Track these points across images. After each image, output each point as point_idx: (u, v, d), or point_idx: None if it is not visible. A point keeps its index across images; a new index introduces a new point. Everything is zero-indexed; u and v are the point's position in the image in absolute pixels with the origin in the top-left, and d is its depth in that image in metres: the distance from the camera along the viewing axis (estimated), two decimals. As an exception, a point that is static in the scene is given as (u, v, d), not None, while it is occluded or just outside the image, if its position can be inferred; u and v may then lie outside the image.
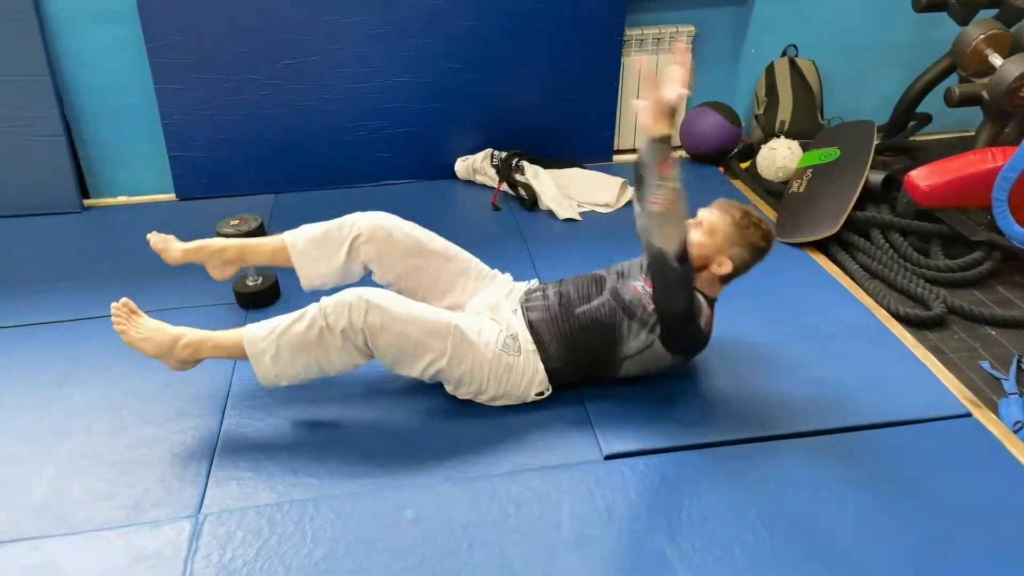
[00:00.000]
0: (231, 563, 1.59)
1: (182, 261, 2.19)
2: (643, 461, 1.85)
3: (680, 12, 3.41)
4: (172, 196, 3.26)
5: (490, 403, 2.00)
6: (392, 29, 3.12)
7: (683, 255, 1.79)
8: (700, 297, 1.93)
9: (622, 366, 2.00)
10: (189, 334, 1.93)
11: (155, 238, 2.20)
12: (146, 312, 1.97)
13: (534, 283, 2.22)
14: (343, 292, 1.87)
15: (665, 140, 1.70)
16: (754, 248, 1.96)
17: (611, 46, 3.30)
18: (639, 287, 1.95)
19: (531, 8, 3.17)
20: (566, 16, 3.20)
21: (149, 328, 1.93)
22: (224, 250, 2.19)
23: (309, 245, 2.13)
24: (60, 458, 1.88)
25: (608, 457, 1.87)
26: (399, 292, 2.06)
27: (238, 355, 1.93)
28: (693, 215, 1.98)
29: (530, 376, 1.98)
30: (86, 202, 3.20)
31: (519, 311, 2.06)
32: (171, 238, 2.21)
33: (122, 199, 3.28)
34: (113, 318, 1.92)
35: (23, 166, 3.04)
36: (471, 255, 2.23)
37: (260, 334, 1.90)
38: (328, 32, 3.08)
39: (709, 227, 1.95)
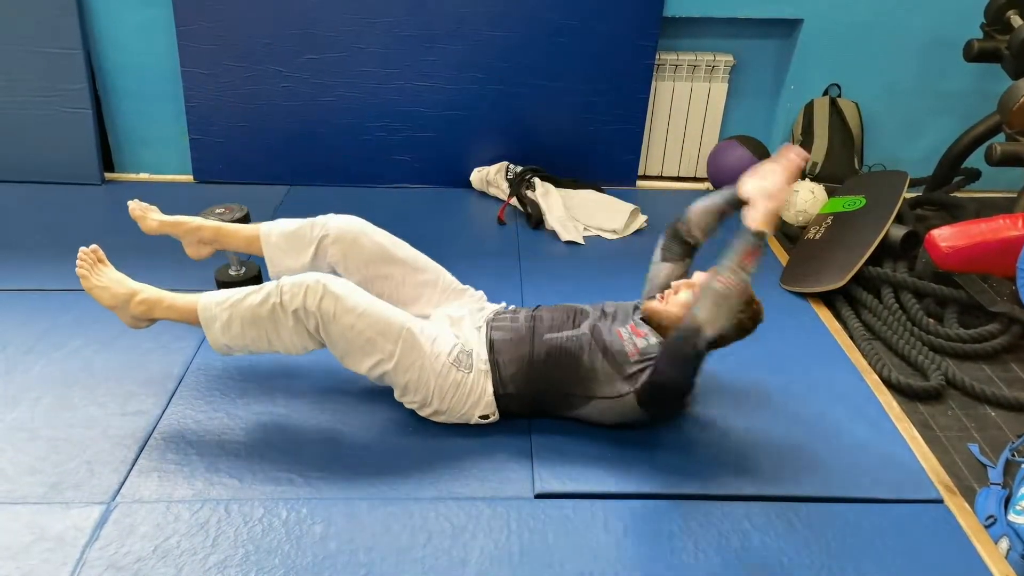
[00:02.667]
0: (124, 557, 1.57)
1: (157, 232, 2.21)
2: (573, 504, 1.77)
3: (719, 41, 3.30)
4: (190, 178, 3.31)
5: (432, 417, 1.95)
6: (418, 32, 3.10)
7: (714, 342, 1.77)
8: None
9: (585, 405, 1.91)
10: (147, 291, 1.95)
11: (134, 205, 2.22)
12: None
13: (511, 307, 2.17)
14: (304, 274, 1.85)
15: (763, 237, 1.72)
16: (740, 327, 1.88)
17: (642, 69, 3.21)
18: (624, 333, 1.89)
19: (561, 23, 3.11)
20: (597, 35, 3.13)
21: (110, 278, 1.96)
22: (200, 229, 2.20)
23: (281, 238, 2.13)
24: (1, 427, 1.91)
25: (538, 496, 1.79)
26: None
27: (191, 320, 1.93)
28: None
29: (476, 397, 1.91)
30: (108, 176, 3.29)
31: (483, 328, 2.00)
32: (152, 208, 2.23)
33: (143, 176, 3.35)
34: (78, 261, 1.95)
35: (50, 136, 3.13)
36: (441, 267, 2.18)
37: (214, 300, 1.90)
38: (354, 30, 3.08)
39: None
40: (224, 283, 2.46)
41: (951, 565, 1.68)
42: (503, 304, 2.19)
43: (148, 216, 2.20)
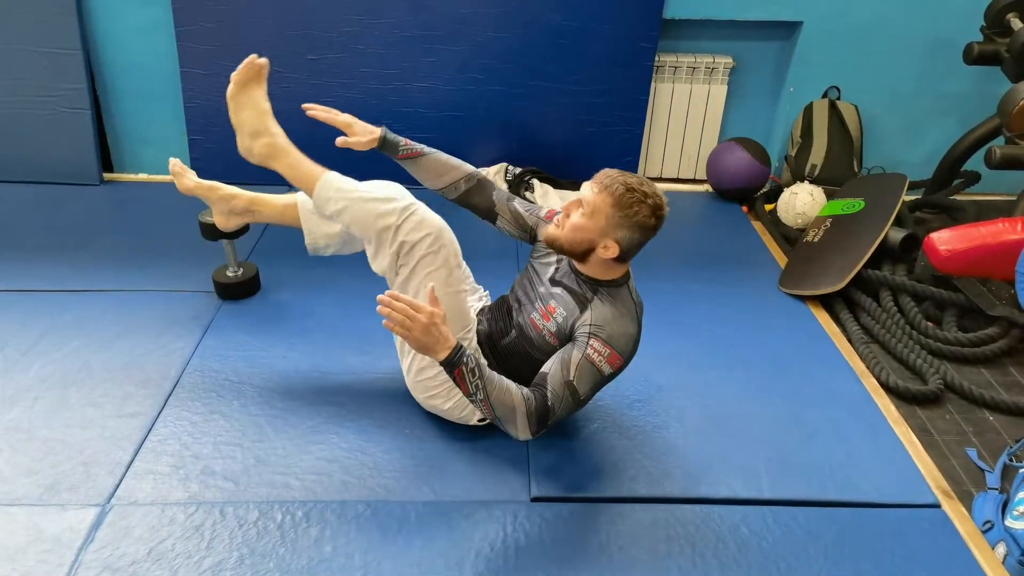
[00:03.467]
0: (119, 560, 1.57)
1: (192, 192, 2.21)
2: (570, 508, 1.77)
3: (719, 43, 3.29)
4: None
5: (434, 410, 1.94)
6: (418, 34, 3.09)
7: (538, 429, 1.68)
8: (593, 346, 1.69)
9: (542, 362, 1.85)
10: (279, 137, 1.97)
11: (175, 162, 2.23)
12: (126, 289, 1.99)
13: (483, 304, 2.10)
14: (433, 215, 1.83)
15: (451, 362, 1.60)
16: (642, 227, 1.66)
17: (642, 71, 3.20)
18: (537, 320, 1.80)
19: (561, 25, 3.10)
20: (597, 36, 3.12)
21: (255, 102, 1.98)
22: (234, 197, 2.19)
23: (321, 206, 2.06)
24: (-2, 428, 1.91)
25: (535, 499, 1.79)
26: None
27: (308, 186, 1.92)
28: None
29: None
30: (106, 176, 3.28)
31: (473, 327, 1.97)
32: (190, 171, 2.24)
33: (142, 176, 3.35)
34: (240, 68, 1.94)
35: (48, 135, 3.13)
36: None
37: (338, 184, 1.89)
38: (354, 31, 3.08)
39: (590, 208, 1.65)
40: (222, 284, 2.46)
41: (948, 570, 1.67)
42: (484, 295, 2.15)
43: (186, 174, 2.20)
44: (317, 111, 1.90)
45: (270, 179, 3.24)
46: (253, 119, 1.93)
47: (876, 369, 2.28)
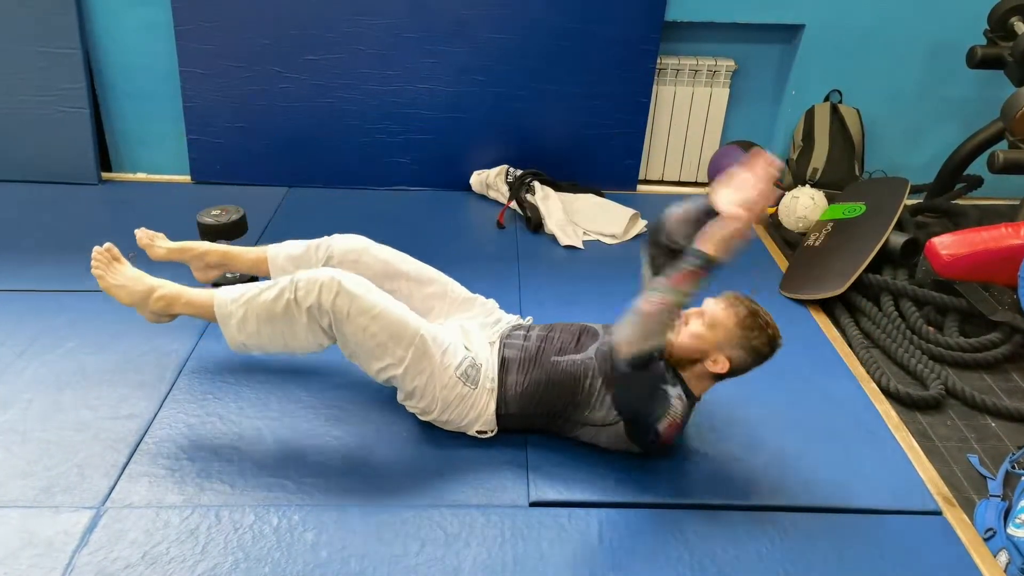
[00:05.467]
0: (113, 564, 1.56)
1: (165, 259, 2.22)
2: (568, 513, 1.75)
3: (721, 45, 3.28)
4: (188, 178, 3.29)
5: (434, 423, 1.92)
6: (418, 35, 3.08)
7: (637, 363, 1.65)
8: (679, 403, 1.75)
9: (578, 430, 1.88)
10: (165, 287, 1.96)
11: (141, 233, 2.23)
12: None
13: (527, 320, 2.14)
14: (318, 270, 1.83)
15: (708, 262, 1.59)
16: (756, 353, 1.78)
17: (643, 73, 3.19)
18: None
19: (562, 26, 3.09)
20: (598, 38, 3.11)
21: (127, 276, 1.97)
22: (207, 254, 2.22)
23: (287, 261, 2.13)
24: (-8, 430, 1.90)
25: (533, 504, 1.77)
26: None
27: (208, 316, 1.94)
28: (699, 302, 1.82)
29: (477, 413, 1.89)
30: (104, 176, 3.27)
31: (496, 344, 1.97)
32: (159, 236, 2.24)
33: (140, 176, 3.34)
34: (93, 261, 1.96)
35: (47, 135, 3.12)
36: (449, 278, 2.15)
37: (230, 297, 1.90)
38: (354, 32, 3.06)
39: (711, 320, 1.77)
40: (221, 286, 2.44)
41: (947, 579, 1.66)
42: (516, 317, 2.15)
43: (155, 244, 2.22)
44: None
45: (271, 179, 3.25)
46: (135, 290, 1.96)
47: (877, 374, 2.27)
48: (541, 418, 1.90)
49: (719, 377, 1.82)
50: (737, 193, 1.63)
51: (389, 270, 2.08)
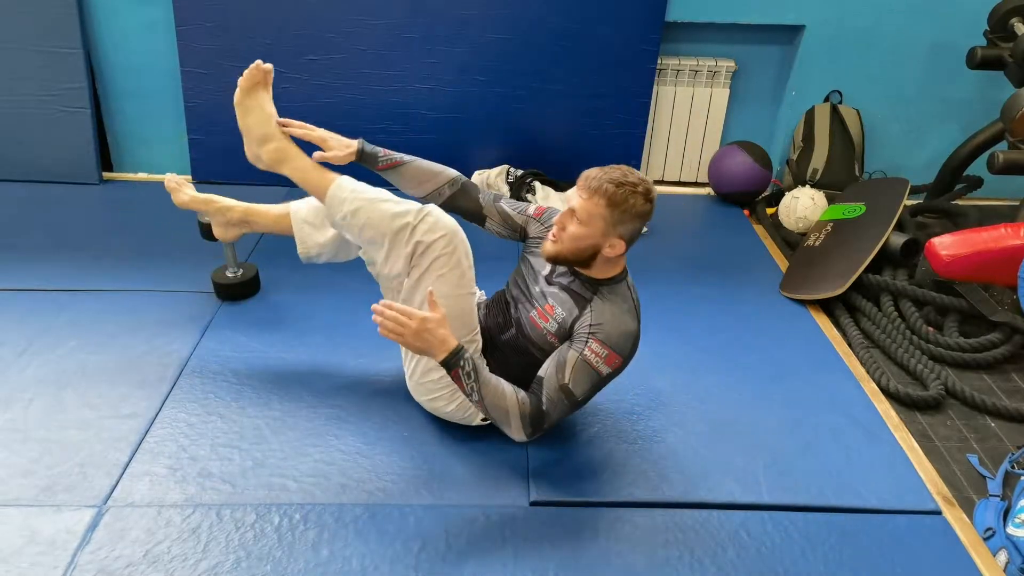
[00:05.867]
0: (115, 562, 1.56)
1: (188, 206, 2.25)
2: (569, 512, 1.76)
3: (721, 46, 3.29)
4: (189, 178, 3.28)
5: (436, 412, 1.93)
6: (419, 35, 3.09)
7: (532, 432, 1.73)
8: (590, 346, 1.69)
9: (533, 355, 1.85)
10: (286, 142, 1.93)
11: (170, 177, 2.25)
12: (125, 289, 1.99)
13: (481, 296, 2.10)
14: (448, 217, 1.82)
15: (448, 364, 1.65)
16: (640, 215, 1.67)
17: (644, 74, 3.20)
18: (536, 319, 1.79)
19: (564, 27, 3.10)
20: (599, 39, 3.11)
21: (262, 107, 1.93)
22: (230, 210, 2.22)
23: (311, 212, 2.11)
24: (-6, 429, 1.90)
25: (533, 503, 1.77)
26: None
27: (318, 190, 1.89)
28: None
29: None
30: (105, 175, 3.27)
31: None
32: (186, 183, 2.27)
33: (141, 175, 3.34)
34: (247, 72, 1.91)
35: (48, 135, 3.12)
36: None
37: (351, 186, 1.87)
38: (355, 32, 3.07)
39: (585, 214, 1.64)
40: (221, 285, 2.45)
41: (946, 578, 1.66)
42: (480, 293, 2.10)
43: (182, 189, 2.23)
44: (293, 127, 1.91)
45: (272, 179, 3.24)
46: (260, 124, 1.92)
47: (876, 374, 2.27)
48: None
49: (623, 252, 1.72)
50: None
51: (470, 260, 1.98)
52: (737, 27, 3.21)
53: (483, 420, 1.92)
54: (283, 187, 3.25)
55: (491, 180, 3.23)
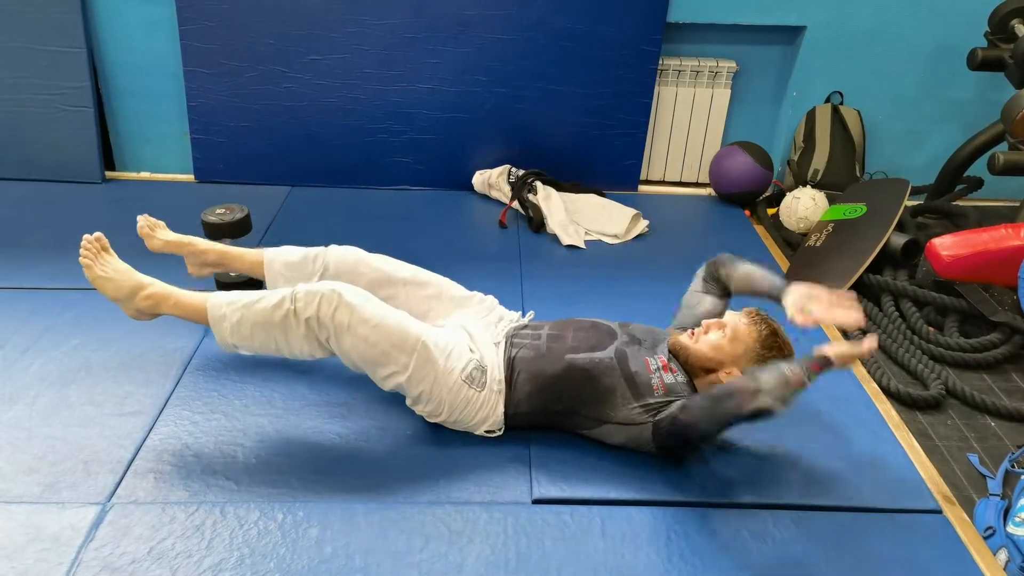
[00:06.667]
0: (119, 559, 1.57)
1: (162, 250, 2.19)
2: (571, 510, 1.76)
3: (723, 47, 3.30)
4: (191, 177, 3.31)
5: (444, 424, 1.94)
6: (422, 35, 3.10)
7: (747, 417, 1.70)
8: None
9: (596, 427, 1.89)
10: (155, 286, 1.95)
11: (143, 222, 2.20)
12: None
13: (528, 317, 2.15)
14: (319, 283, 1.84)
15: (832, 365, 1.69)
16: (763, 360, 1.84)
17: (645, 74, 3.21)
18: (652, 364, 1.86)
19: (564, 28, 3.11)
20: (601, 39, 3.12)
21: (115, 269, 1.95)
22: (205, 252, 2.19)
23: (284, 268, 2.13)
24: (-2, 426, 1.91)
25: (536, 501, 1.78)
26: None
27: (198, 318, 1.93)
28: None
29: (486, 414, 1.89)
30: (108, 174, 3.28)
31: (502, 344, 1.97)
32: (160, 225, 2.22)
33: (144, 175, 3.35)
34: (81, 250, 1.94)
35: (51, 134, 3.13)
36: (443, 279, 2.16)
37: (224, 300, 1.89)
38: (357, 32, 3.08)
39: (733, 334, 1.84)
40: (224, 284, 2.45)
41: (949, 576, 1.67)
42: (518, 314, 2.16)
43: (155, 234, 2.18)
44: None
45: (274, 178, 3.26)
46: (122, 284, 1.95)
47: (877, 374, 2.28)
48: (555, 415, 1.91)
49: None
50: (810, 301, 1.72)
51: (385, 277, 2.09)
52: (738, 28, 3.22)
53: (487, 432, 1.93)
54: (285, 186, 3.28)
55: (492, 180, 3.24)
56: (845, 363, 1.68)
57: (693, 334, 1.88)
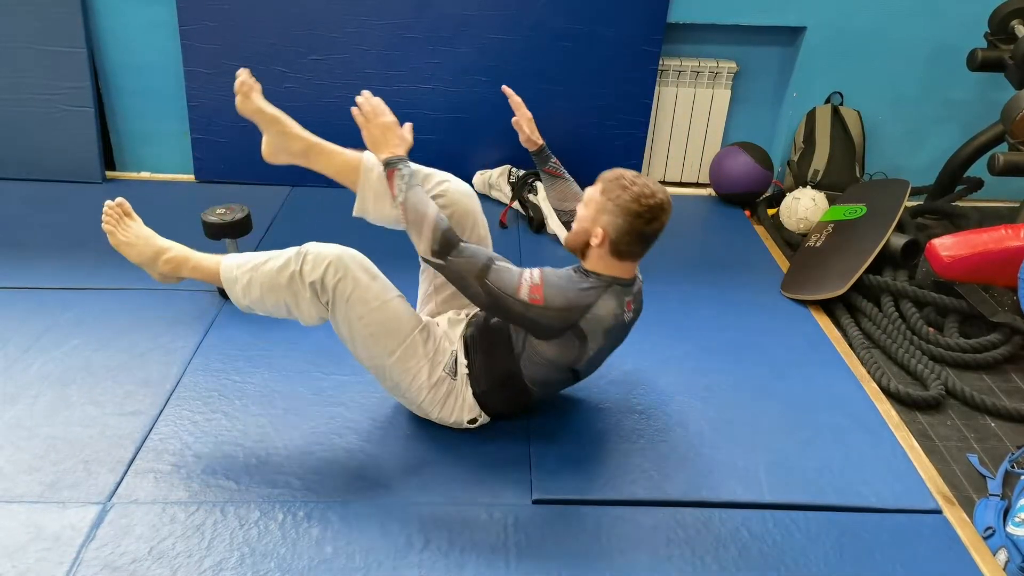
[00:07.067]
0: (120, 558, 1.57)
1: (251, 116, 1.95)
2: (571, 510, 1.76)
3: (723, 47, 3.30)
4: (191, 177, 3.31)
5: (426, 416, 1.93)
6: (422, 35, 3.10)
7: (439, 251, 1.71)
8: (529, 271, 1.75)
9: (525, 380, 1.86)
10: (174, 249, 1.93)
11: (244, 76, 1.92)
12: (128, 288, 1.97)
13: None
14: (328, 245, 1.81)
15: (387, 163, 1.78)
16: (627, 212, 1.68)
17: (646, 74, 3.21)
18: (525, 277, 1.78)
19: (566, 28, 3.11)
20: (601, 40, 3.13)
21: (137, 234, 1.93)
22: (293, 140, 1.97)
23: (381, 181, 1.93)
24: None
25: (536, 501, 1.78)
26: (422, 271, 2.05)
27: (214, 280, 1.91)
28: None
29: (461, 401, 1.90)
30: (109, 174, 3.29)
31: (462, 326, 1.97)
32: (258, 88, 1.95)
33: (144, 175, 3.35)
34: (104, 216, 1.91)
35: (51, 133, 3.13)
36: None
37: (235, 263, 1.87)
38: (358, 32, 3.08)
39: (586, 198, 1.76)
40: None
41: (949, 576, 1.67)
42: None
43: (252, 95, 1.93)
44: (513, 96, 2.12)
45: (277, 179, 3.26)
46: (144, 250, 1.92)
47: (877, 374, 2.28)
48: (505, 385, 1.87)
49: (614, 252, 1.75)
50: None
51: (479, 238, 2.04)
52: (738, 28, 3.22)
53: (470, 422, 1.93)
54: (286, 186, 3.28)
55: (493, 180, 3.24)
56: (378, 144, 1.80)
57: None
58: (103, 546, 1.59)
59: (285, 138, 1.98)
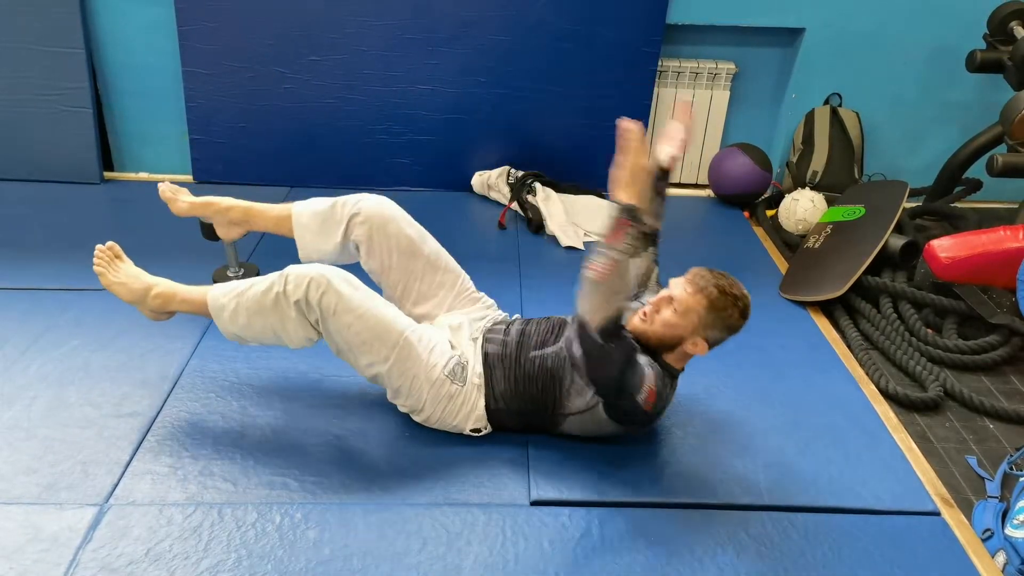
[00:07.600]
0: (117, 560, 1.57)
1: (187, 214, 2.25)
2: (570, 512, 1.76)
3: (722, 48, 3.30)
4: (190, 178, 3.31)
5: (425, 423, 1.94)
6: (421, 36, 3.10)
7: (608, 331, 1.65)
8: (650, 371, 1.75)
9: (563, 422, 1.90)
10: (161, 284, 1.97)
11: (165, 187, 2.24)
12: None
13: (512, 316, 2.15)
14: (309, 265, 1.84)
15: (628, 210, 1.61)
16: (731, 329, 1.81)
17: (645, 75, 3.21)
18: None
19: (565, 29, 3.11)
20: (600, 40, 3.13)
21: (127, 274, 1.98)
22: (230, 210, 2.22)
23: (312, 219, 2.09)
24: (-4, 426, 1.91)
25: (535, 503, 1.78)
26: (380, 284, 2.06)
27: (203, 311, 1.94)
28: (665, 283, 1.86)
29: (468, 410, 1.90)
30: (107, 175, 3.29)
31: (479, 340, 1.98)
32: (182, 190, 2.26)
33: (143, 175, 3.35)
34: (95, 259, 1.97)
35: (50, 134, 3.13)
36: (462, 271, 2.15)
37: (222, 291, 1.91)
38: (357, 33, 3.08)
39: (683, 308, 1.76)
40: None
41: (944, 579, 1.67)
42: (504, 314, 2.16)
43: (178, 198, 2.23)
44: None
45: (274, 179, 3.26)
46: (133, 287, 1.97)
47: (876, 376, 2.28)
48: (528, 414, 1.91)
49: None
50: (671, 142, 1.91)
51: (411, 247, 2.05)
52: (738, 29, 3.23)
53: (473, 431, 1.93)
54: (284, 187, 3.28)
55: (492, 181, 3.24)
56: (637, 193, 1.70)
57: (646, 316, 1.81)
58: (100, 547, 1.59)
59: (225, 214, 2.22)
